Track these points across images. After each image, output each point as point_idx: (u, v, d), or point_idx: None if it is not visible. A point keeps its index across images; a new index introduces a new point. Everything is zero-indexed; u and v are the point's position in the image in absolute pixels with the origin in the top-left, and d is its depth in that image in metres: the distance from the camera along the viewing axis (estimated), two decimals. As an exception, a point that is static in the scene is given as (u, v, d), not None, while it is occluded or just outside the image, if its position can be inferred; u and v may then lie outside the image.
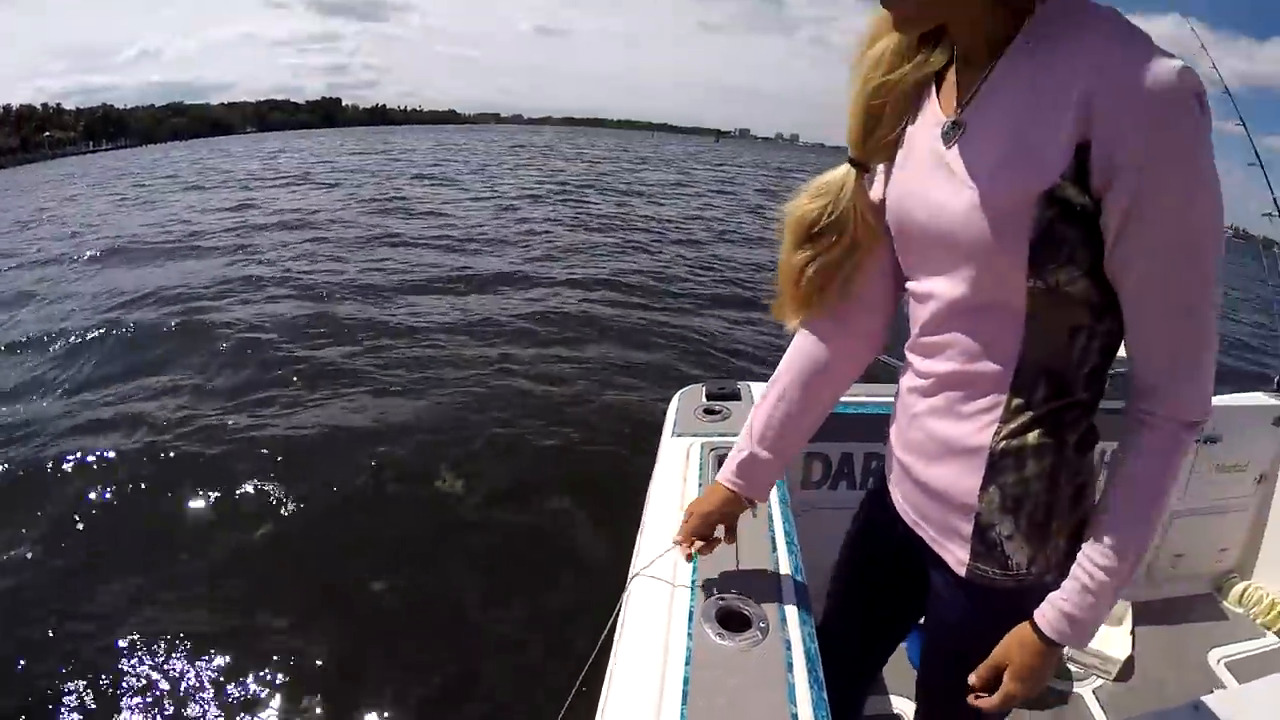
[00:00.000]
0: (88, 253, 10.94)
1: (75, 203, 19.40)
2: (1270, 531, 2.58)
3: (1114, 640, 2.22)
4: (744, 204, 20.68)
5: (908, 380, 0.93)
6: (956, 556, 0.88)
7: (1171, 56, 0.63)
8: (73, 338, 6.55)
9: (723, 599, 0.99)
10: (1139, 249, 0.69)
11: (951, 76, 0.83)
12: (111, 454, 4.22)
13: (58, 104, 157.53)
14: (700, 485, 1.31)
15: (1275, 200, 2.70)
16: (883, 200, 0.92)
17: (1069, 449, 0.82)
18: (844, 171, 0.92)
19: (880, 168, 0.92)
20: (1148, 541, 0.78)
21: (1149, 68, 0.63)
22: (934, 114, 0.83)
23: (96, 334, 6.61)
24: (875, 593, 1.16)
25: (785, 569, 1.10)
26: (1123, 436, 0.80)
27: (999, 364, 0.80)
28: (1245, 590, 2.56)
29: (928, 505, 0.91)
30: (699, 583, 1.03)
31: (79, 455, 4.18)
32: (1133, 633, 2.28)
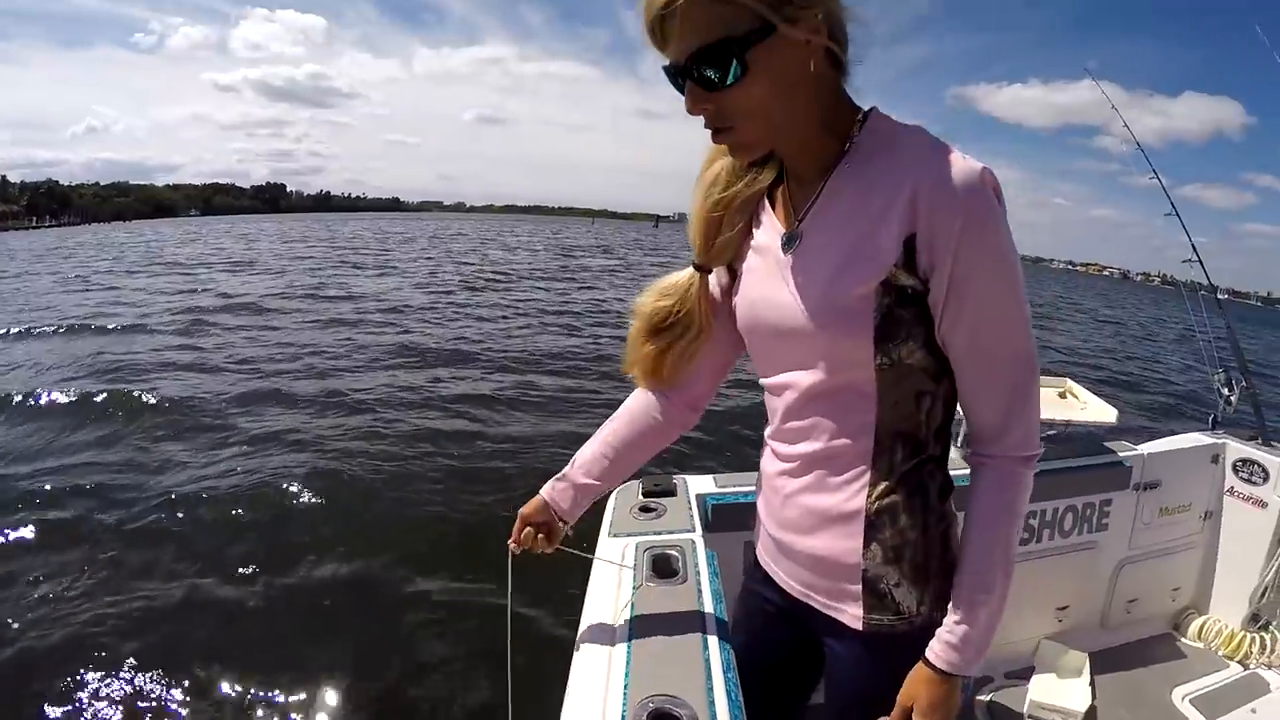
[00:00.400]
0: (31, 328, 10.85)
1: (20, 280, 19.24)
2: (1222, 564, 2.62)
3: (1073, 693, 2.19)
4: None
5: (773, 465, 1.02)
6: (852, 614, 0.95)
7: (973, 160, 0.76)
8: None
9: (653, 701, 0.99)
10: (962, 317, 0.80)
11: (785, 198, 0.94)
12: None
13: (2, 176, 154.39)
14: (635, 588, 1.31)
15: (1193, 247, 2.82)
16: (725, 296, 1.05)
17: (932, 498, 0.92)
18: (689, 274, 1.06)
19: (725, 273, 1.04)
20: (1008, 567, 0.87)
21: (959, 169, 0.75)
22: (774, 225, 0.94)
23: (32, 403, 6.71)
24: (772, 674, 1.19)
25: (716, 662, 1.09)
26: (971, 479, 0.90)
27: (859, 437, 0.90)
28: (1204, 624, 2.58)
29: (813, 575, 0.99)
30: (630, 683, 1.03)
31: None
32: (1092, 683, 2.26)
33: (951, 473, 0.96)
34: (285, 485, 4.90)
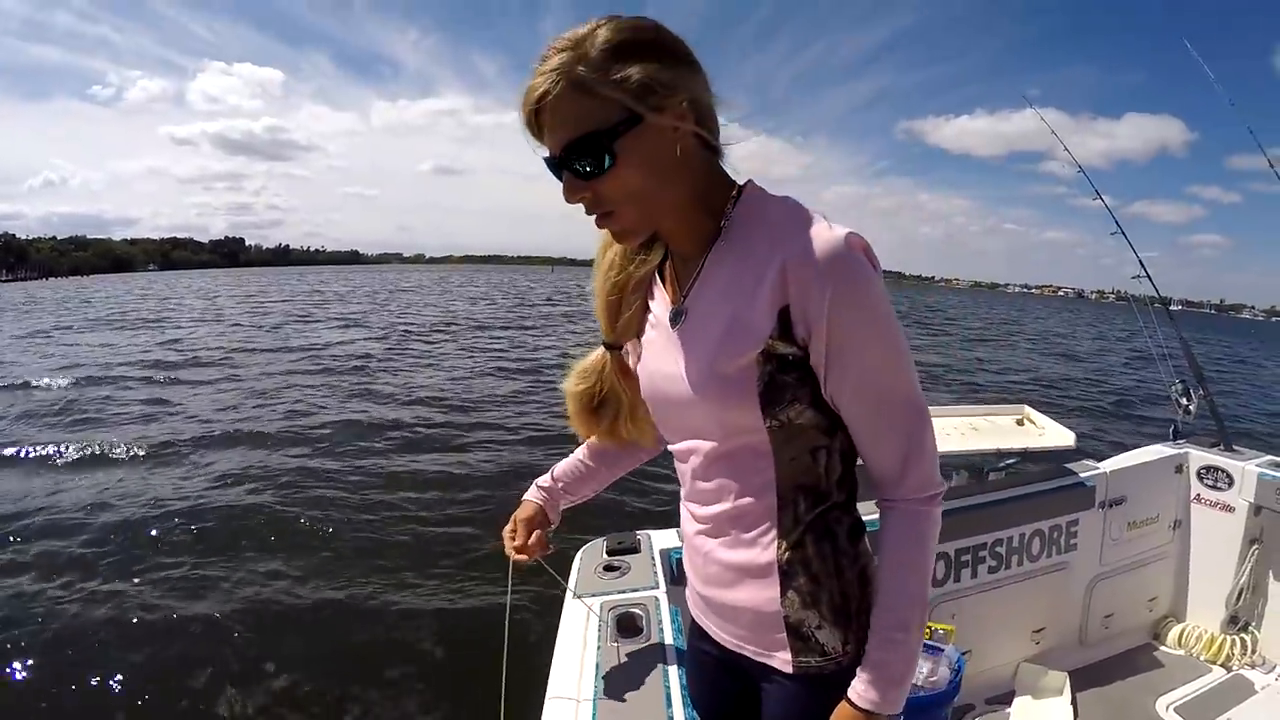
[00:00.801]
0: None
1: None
2: (1196, 570, 2.64)
3: (1055, 713, 2.18)
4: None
5: (691, 526, 1.06)
6: (782, 659, 0.97)
7: (838, 229, 0.81)
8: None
9: None
10: (845, 379, 0.84)
11: (672, 268, 1.00)
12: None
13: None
14: (599, 647, 1.36)
15: (1140, 262, 2.88)
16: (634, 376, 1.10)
17: (842, 541, 0.95)
18: (600, 354, 1.14)
19: (637, 343, 1.07)
20: (922, 604, 0.90)
21: (822, 240, 0.80)
22: (664, 300, 1.00)
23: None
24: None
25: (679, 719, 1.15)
26: (879, 523, 0.92)
27: (762, 494, 0.93)
28: (1183, 631, 2.60)
29: (741, 627, 1.02)
30: None
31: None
32: (1074, 701, 2.24)
33: (866, 517, 0.99)
34: (265, 517, 5.09)
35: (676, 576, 1.75)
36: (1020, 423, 2.69)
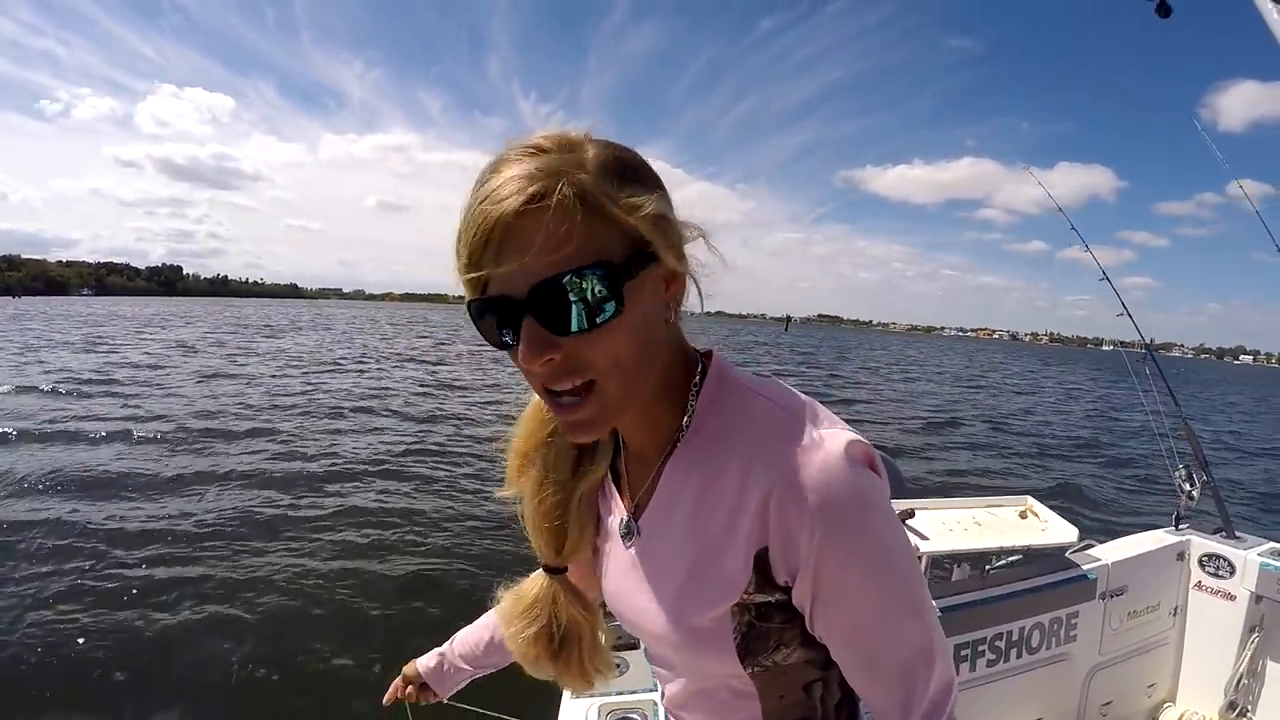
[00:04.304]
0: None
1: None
2: (1195, 657, 2.62)
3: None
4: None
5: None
6: None
7: (834, 443, 0.63)
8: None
9: None
10: (832, 627, 0.68)
11: (625, 473, 0.82)
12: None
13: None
14: None
15: (1136, 327, 2.95)
16: (598, 574, 0.89)
17: None
18: (544, 583, 0.88)
19: (587, 551, 0.88)
20: None
21: (815, 465, 0.62)
22: (617, 505, 0.82)
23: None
24: None
25: None
26: None
27: None
28: (1182, 717, 2.59)
29: None
30: None
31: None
32: None
33: None
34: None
35: None
36: (1023, 515, 2.64)
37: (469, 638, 1.17)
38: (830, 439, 0.64)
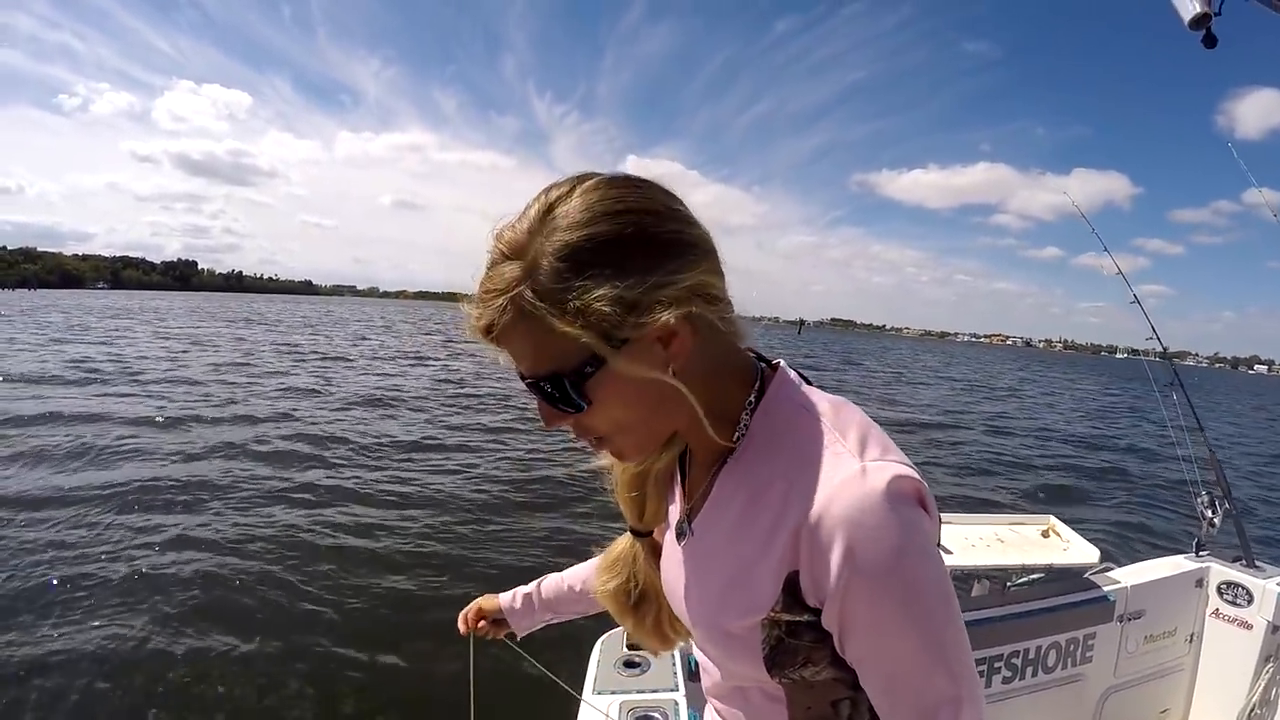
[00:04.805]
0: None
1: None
2: (1210, 685, 2.63)
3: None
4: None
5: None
6: None
7: (879, 474, 0.63)
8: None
9: None
10: (857, 656, 0.67)
11: (689, 462, 0.86)
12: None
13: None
14: None
15: (1158, 337, 2.96)
16: None
17: None
18: (628, 542, 0.99)
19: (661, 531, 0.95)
20: None
21: (848, 494, 0.62)
22: (679, 503, 0.86)
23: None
24: None
25: None
26: None
27: None
28: None
29: None
30: None
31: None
32: None
33: None
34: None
35: (694, 673, 1.67)
36: (1045, 534, 2.64)
37: (556, 583, 1.24)
38: (875, 471, 0.63)
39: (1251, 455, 16.04)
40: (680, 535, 0.82)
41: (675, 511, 0.87)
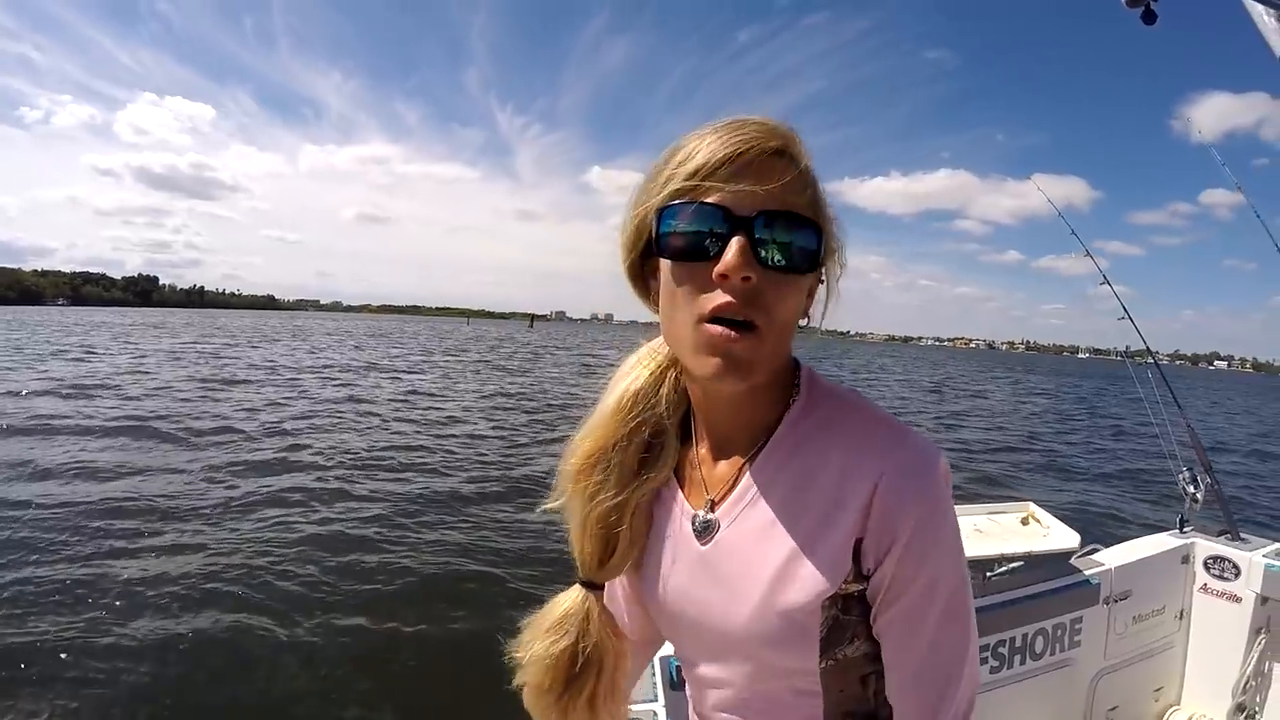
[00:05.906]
0: None
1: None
2: (1201, 660, 2.63)
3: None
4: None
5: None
6: None
7: (930, 449, 0.69)
8: None
9: None
10: (900, 614, 0.70)
11: (692, 471, 0.82)
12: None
13: None
14: None
15: (1146, 342, 3.01)
16: (632, 602, 0.91)
17: None
18: (578, 597, 0.85)
19: (630, 573, 0.88)
20: None
21: (918, 459, 0.68)
22: (682, 507, 0.81)
23: None
24: None
25: None
26: None
27: None
28: (1190, 719, 2.60)
29: None
30: None
31: None
32: None
33: None
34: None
35: (676, 682, 1.65)
36: (1025, 521, 2.60)
37: None
38: (926, 443, 0.69)
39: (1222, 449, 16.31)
40: (703, 534, 0.78)
41: (675, 521, 0.82)
